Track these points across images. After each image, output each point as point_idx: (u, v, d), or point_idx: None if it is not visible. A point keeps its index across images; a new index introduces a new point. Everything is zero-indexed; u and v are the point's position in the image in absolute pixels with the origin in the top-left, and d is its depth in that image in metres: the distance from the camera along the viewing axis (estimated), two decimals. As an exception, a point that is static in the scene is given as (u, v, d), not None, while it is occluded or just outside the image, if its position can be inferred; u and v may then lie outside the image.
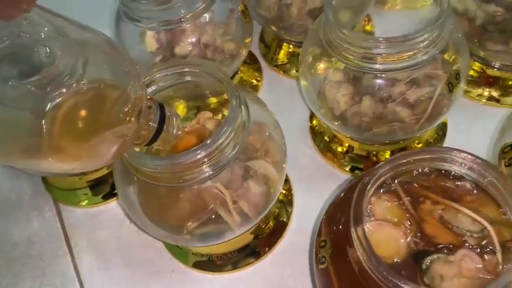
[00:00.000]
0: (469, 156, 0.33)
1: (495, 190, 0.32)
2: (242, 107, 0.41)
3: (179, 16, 0.51)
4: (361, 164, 0.53)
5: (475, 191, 0.34)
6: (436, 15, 0.43)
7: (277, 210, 0.52)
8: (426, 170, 0.35)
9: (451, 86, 0.44)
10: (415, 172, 0.35)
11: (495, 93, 0.55)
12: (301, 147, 0.56)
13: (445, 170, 0.34)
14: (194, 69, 0.43)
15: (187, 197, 0.42)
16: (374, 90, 0.46)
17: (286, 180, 0.54)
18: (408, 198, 0.34)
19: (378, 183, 0.33)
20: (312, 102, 0.50)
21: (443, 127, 0.54)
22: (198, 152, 0.38)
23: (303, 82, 0.50)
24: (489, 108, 0.55)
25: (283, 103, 0.60)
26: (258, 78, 0.62)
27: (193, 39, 0.54)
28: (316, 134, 0.56)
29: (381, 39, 0.42)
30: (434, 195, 0.34)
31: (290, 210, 0.52)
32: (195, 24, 0.53)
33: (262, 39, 0.65)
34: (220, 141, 0.38)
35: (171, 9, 0.50)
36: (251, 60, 0.64)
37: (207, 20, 0.54)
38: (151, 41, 0.55)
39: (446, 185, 0.34)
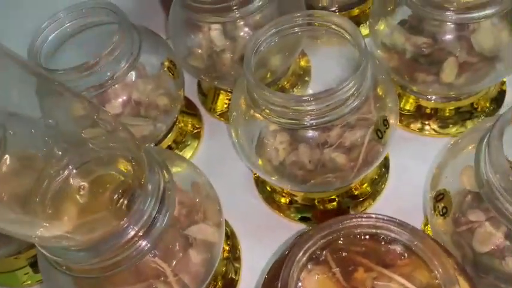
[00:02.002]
0: (392, 221, 0.32)
1: (424, 254, 0.31)
2: (161, 173, 0.39)
3: (105, 79, 0.50)
4: (309, 213, 0.52)
5: (406, 254, 0.33)
6: (357, 60, 0.42)
7: (223, 268, 0.50)
8: (357, 235, 0.33)
9: (379, 133, 0.43)
10: (344, 239, 0.33)
11: (435, 126, 0.53)
12: (247, 197, 0.55)
13: (375, 234, 0.33)
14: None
15: (125, 277, 0.40)
16: (309, 139, 0.45)
17: (230, 235, 0.52)
18: (339, 268, 0.33)
19: (305, 257, 0.32)
20: (247, 156, 0.48)
21: (385, 162, 0.53)
22: (129, 230, 0.37)
23: (234, 135, 0.48)
24: (430, 139, 0.54)
25: (227, 151, 0.58)
26: (198, 126, 0.61)
27: (124, 98, 0.53)
28: (259, 184, 0.55)
29: (306, 98, 0.40)
30: (367, 261, 0.33)
31: (238, 265, 0.50)
32: (124, 83, 0.52)
33: (200, 89, 0.64)
34: (145, 217, 0.37)
35: (95, 74, 0.49)
36: (190, 109, 0.62)
37: (134, 78, 0.52)
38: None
39: (379, 248, 0.33)
